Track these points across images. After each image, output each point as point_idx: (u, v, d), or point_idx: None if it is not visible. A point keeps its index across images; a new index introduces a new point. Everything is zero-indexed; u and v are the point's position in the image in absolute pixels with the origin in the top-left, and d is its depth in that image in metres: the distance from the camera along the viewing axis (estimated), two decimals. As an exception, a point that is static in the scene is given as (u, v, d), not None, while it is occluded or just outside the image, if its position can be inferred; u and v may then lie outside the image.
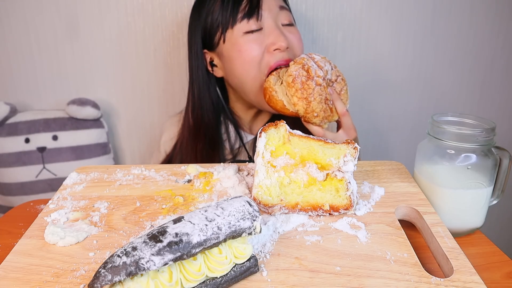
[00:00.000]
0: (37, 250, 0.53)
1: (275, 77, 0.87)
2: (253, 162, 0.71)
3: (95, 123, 1.22)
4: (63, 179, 0.73)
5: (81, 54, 1.22)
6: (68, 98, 1.20)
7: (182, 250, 0.42)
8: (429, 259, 0.55)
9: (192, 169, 0.73)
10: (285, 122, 0.61)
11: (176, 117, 1.10)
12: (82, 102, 1.18)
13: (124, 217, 0.60)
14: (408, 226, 0.61)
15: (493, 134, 0.60)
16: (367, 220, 0.59)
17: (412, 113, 1.33)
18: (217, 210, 0.47)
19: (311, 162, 0.61)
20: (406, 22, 1.22)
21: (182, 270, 0.44)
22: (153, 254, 0.40)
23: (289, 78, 0.82)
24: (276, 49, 0.88)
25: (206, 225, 0.44)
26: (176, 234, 0.42)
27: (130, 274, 0.39)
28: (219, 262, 0.45)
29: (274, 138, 0.61)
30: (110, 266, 0.40)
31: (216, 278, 0.45)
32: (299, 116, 0.85)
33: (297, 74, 0.81)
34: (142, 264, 0.40)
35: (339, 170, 0.60)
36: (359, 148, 0.60)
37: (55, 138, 1.18)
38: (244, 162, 0.77)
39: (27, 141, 1.17)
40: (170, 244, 0.42)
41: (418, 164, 0.69)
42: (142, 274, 0.41)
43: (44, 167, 1.18)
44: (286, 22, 0.92)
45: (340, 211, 0.59)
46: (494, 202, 0.66)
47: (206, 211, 0.46)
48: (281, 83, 0.86)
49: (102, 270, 0.39)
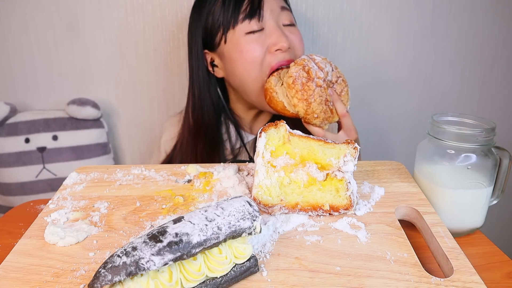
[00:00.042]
0: (37, 250, 0.53)
1: (276, 78, 0.87)
2: (253, 162, 0.71)
3: (95, 123, 1.22)
4: (63, 179, 0.73)
5: (81, 54, 1.22)
6: (68, 98, 1.20)
7: (182, 250, 0.42)
8: (429, 259, 0.55)
9: (192, 169, 0.73)
10: (285, 122, 0.61)
11: (176, 117, 1.10)
12: (82, 102, 1.18)
13: (124, 217, 0.60)
14: (408, 226, 0.61)
15: (493, 134, 0.60)
16: (367, 220, 0.59)
17: (412, 113, 1.33)
18: (217, 210, 0.47)
19: (311, 162, 0.61)
20: (406, 22, 1.22)
21: (182, 270, 0.44)
22: (153, 254, 0.40)
23: (289, 79, 0.82)
24: (277, 49, 0.87)
25: (206, 225, 0.44)
26: (176, 234, 0.42)
27: (130, 274, 0.39)
28: (219, 262, 0.45)
29: (274, 138, 0.61)
30: (110, 266, 0.40)
31: (216, 278, 0.45)
32: (300, 117, 0.85)
33: (297, 75, 0.81)
34: (142, 264, 0.40)
35: (339, 170, 0.60)
36: (359, 148, 0.60)
37: (55, 138, 1.18)
38: (244, 162, 0.77)
39: (27, 141, 1.17)
40: (170, 244, 0.42)
41: (418, 164, 0.69)
42: (142, 274, 0.41)
43: (44, 167, 1.18)
44: (287, 23, 0.92)
45: (340, 211, 0.59)
46: (494, 202, 0.66)
47: (206, 211, 0.46)
48: (281, 84, 0.86)
49: (102, 270, 0.39)
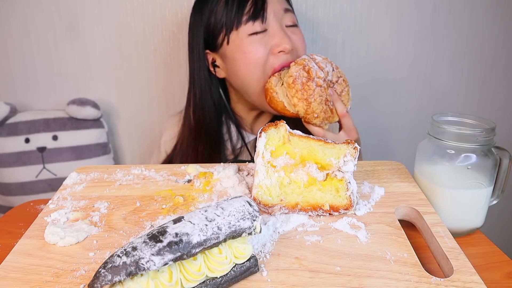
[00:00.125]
0: (37, 250, 0.53)
1: (277, 78, 0.87)
2: (253, 162, 0.71)
3: (95, 123, 1.22)
4: (63, 179, 0.72)
5: (81, 54, 1.22)
6: (68, 98, 1.20)
7: (182, 250, 0.42)
8: (429, 259, 0.55)
9: (192, 169, 0.73)
10: (285, 122, 0.61)
11: (176, 116, 1.09)
12: (82, 102, 1.18)
13: (124, 217, 0.60)
14: (408, 226, 0.61)
15: (493, 134, 0.60)
16: (367, 220, 0.59)
17: (412, 113, 1.33)
18: (217, 210, 0.47)
19: (311, 162, 0.61)
20: (406, 22, 1.22)
21: (182, 270, 0.44)
22: (153, 254, 0.40)
23: (289, 79, 0.82)
24: (280, 51, 0.87)
25: (206, 225, 0.44)
26: (176, 234, 0.42)
27: (130, 274, 0.39)
28: (219, 262, 0.45)
29: (274, 138, 0.61)
30: (110, 266, 0.40)
31: (216, 278, 0.45)
32: (300, 117, 0.85)
33: (297, 75, 0.81)
34: (142, 264, 0.40)
35: (339, 170, 0.60)
36: (359, 148, 0.60)
37: (55, 138, 1.18)
38: (244, 162, 0.77)
39: (27, 141, 1.17)
40: (170, 244, 0.42)
41: (418, 164, 0.69)
42: (142, 274, 0.41)
43: (44, 167, 1.18)
44: (290, 23, 0.92)
45: (340, 211, 0.59)
46: (494, 202, 0.66)
47: (206, 211, 0.46)
48: (282, 84, 0.86)
49: (102, 270, 0.39)
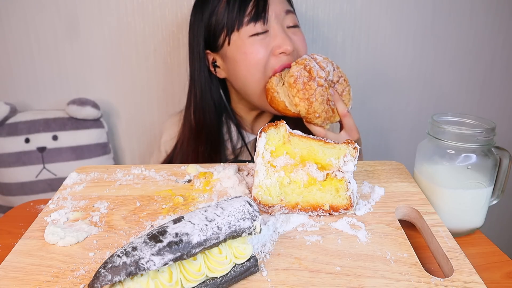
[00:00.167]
0: (37, 250, 0.53)
1: (277, 78, 0.87)
2: (253, 162, 0.71)
3: (95, 123, 1.22)
4: (63, 179, 0.72)
5: (81, 54, 1.22)
6: (68, 98, 1.20)
7: (182, 250, 0.42)
8: (429, 259, 0.55)
9: (192, 169, 0.73)
10: (285, 122, 0.61)
11: (176, 116, 1.09)
12: (82, 102, 1.18)
13: (124, 217, 0.60)
14: (408, 226, 0.61)
15: (493, 134, 0.60)
16: (367, 220, 0.59)
17: (412, 113, 1.33)
18: (217, 210, 0.47)
19: (311, 162, 0.61)
20: (406, 22, 1.22)
21: (182, 270, 0.44)
22: (153, 254, 0.40)
23: (290, 79, 0.82)
24: (281, 52, 0.87)
25: (206, 225, 0.44)
26: (176, 234, 0.42)
27: (130, 274, 0.39)
28: (219, 262, 0.45)
29: (274, 138, 0.61)
30: (110, 266, 0.40)
31: (216, 278, 0.45)
32: (301, 116, 0.85)
33: (298, 75, 0.81)
34: (142, 264, 0.40)
35: (339, 170, 0.60)
36: (359, 148, 0.60)
37: (55, 138, 1.18)
38: (244, 162, 0.77)
39: (27, 141, 1.17)
40: (170, 244, 0.42)
41: (418, 164, 0.69)
42: (142, 274, 0.41)
43: (44, 167, 1.18)
44: (291, 24, 0.92)
45: (340, 211, 0.59)
46: (494, 202, 0.66)
47: (206, 211, 0.46)
48: (283, 84, 0.86)
49: (102, 270, 0.39)
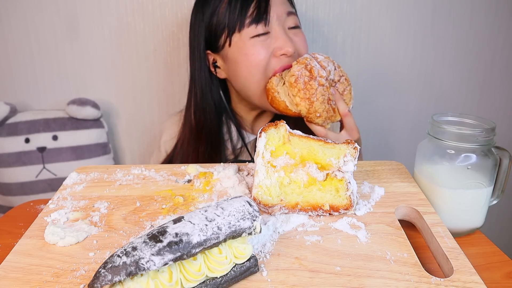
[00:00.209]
0: (37, 250, 0.53)
1: (278, 78, 0.87)
2: (253, 162, 0.71)
3: (95, 123, 1.22)
4: (63, 179, 0.72)
5: (81, 54, 1.22)
6: (68, 98, 1.20)
7: (182, 250, 0.42)
8: (429, 259, 0.55)
9: (192, 169, 0.73)
10: (285, 122, 0.61)
11: (176, 116, 1.09)
12: (82, 102, 1.18)
13: (124, 217, 0.60)
14: (408, 226, 0.61)
15: (493, 134, 0.60)
16: (367, 220, 0.59)
17: (412, 113, 1.33)
18: (217, 210, 0.47)
19: (311, 162, 0.61)
20: (406, 22, 1.22)
21: (182, 270, 0.44)
22: (153, 254, 0.40)
23: (291, 78, 0.82)
24: (282, 54, 0.87)
25: (206, 225, 0.44)
26: (176, 234, 0.42)
27: (130, 274, 0.39)
28: (219, 262, 0.45)
29: (274, 138, 0.61)
30: (110, 266, 0.40)
31: (216, 278, 0.45)
32: (302, 116, 0.85)
33: (299, 74, 0.81)
34: (142, 264, 0.40)
35: (339, 170, 0.60)
36: (359, 148, 0.60)
37: (55, 138, 1.18)
38: (244, 162, 0.77)
39: (27, 141, 1.17)
40: (170, 244, 0.42)
41: (418, 164, 0.69)
42: (142, 274, 0.41)
43: (44, 167, 1.18)
44: (293, 25, 0.91)
45: (340, 211, 0.59)
46: (494, 202, 0.66)
47: (206, 211, 0.46)
48: (283, 84, 0.86)
49: (102, 270, 0.39)
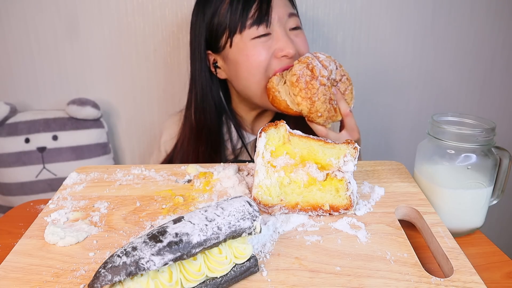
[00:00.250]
0: (37, 250, 0.53)
1: (278, 77, 0.87)
2: (253, 162, 0.71)
3: (95, 123, 1.22)
4: (63, 179, 0.73)
5: (81, 54, 1.22)
6: (68, 98, 1.20)
7: (182, 250, 0.42)
8: (429, 259, 0.55)
9: (192, 169, 0.73)
10: (285, 122, 0.61)
11: (176, 116, 1.09)
12: (82, 102, 1.18)
13: (124, 217, 0.60)
14: (408, 226, 0.61)
15: (493, 134, 0.60)
16: (367, 220, 0.59)
17: (412, 113, 1.33)
18: (217, 210, 0.47)
19: (311, 162, 0.61)
20: (406, 22, 1.22)
21: (182, 270, 0.44)
22: (153, 254, 0.40)
23: (293, 78, 0.82)
24: (283, 55, 0.87)
25: (206, 225, 0.44)
26: (176, 234, 0.42)
27: (130, 274, 0.39)
28: (219, 262, 0.45)
29: (274, 138, 0.61)
30: (110, 266, 0.40)
31: (216, 278, 0.45)
32: (303, 115, 0.85)
33: (301, 74, 0.81)
34: (142, 264, 0.40)
35: (339, 170, 0.60)
36: (359, 148, 0.60)
37: (55, 138, 1.18)
38: (244, 162, 0.77)
39: (27, 141, 1.17)
40: (170, 244, 0.42)
41: (418, 164, 0.69)
42: (142, 274, 0.41)
43: (44, 167, 1.18)
44: (294, 26, 0.91)
45: (340, 211, 0.59)
46: (494, 202, 0.66)
47: (206, 211, 0.46)
48: (284, 83, 0.85)
49: (102, 270, 0.39)
